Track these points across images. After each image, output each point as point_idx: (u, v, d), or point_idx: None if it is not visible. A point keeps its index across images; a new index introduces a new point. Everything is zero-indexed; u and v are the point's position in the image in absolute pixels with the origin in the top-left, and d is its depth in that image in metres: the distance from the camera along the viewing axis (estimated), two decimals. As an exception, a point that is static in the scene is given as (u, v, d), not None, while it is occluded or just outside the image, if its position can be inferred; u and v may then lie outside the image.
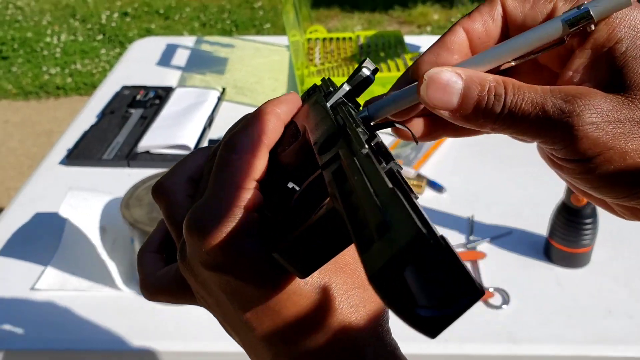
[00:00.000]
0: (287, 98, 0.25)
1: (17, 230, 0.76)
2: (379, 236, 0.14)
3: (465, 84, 0.20)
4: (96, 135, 0.95)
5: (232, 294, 0.21)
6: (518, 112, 0.20)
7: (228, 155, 0.22)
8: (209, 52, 1.28)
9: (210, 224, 0.20)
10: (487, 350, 0.59)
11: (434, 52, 0.22)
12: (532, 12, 0.21)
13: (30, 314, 0.63)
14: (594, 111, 0.19)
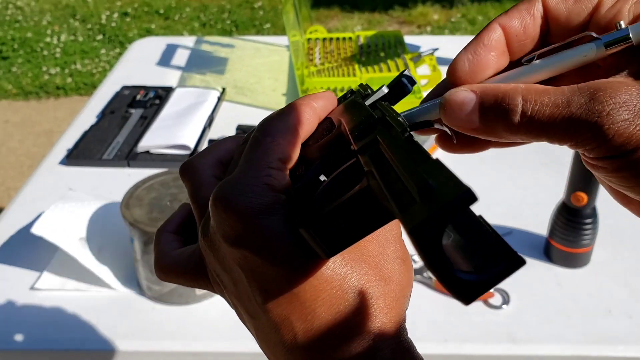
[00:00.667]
0: (325, 95, 0.24)
1: (17, 230, 0.76)
2: (421, 198, 0.14)
3: (480, 100, 0.20)
4: (96, 135, 0.95)
5: (250, 271, 0.21)
6: (541, 117, 0.19)
7: (262, 137, 0.22)
8: (209, 52, 1.28)
9: (236, 198, 0.20)
10: (487, 350, 0.59)
11: (470, 50, 0.22)
12: (576, 8, 0.21)
13: (30, 314, 0.63)
14: (625, 107, 0.18)
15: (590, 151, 0.19)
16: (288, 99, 1.08)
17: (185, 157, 0.89)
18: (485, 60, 0.21)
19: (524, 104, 0.19)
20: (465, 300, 0.14)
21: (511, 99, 0.20)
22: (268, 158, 0.21)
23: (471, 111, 0.20)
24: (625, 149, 0.18)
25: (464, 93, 0.20)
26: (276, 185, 0.21)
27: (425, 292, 0.66)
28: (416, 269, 0.68)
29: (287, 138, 0.22)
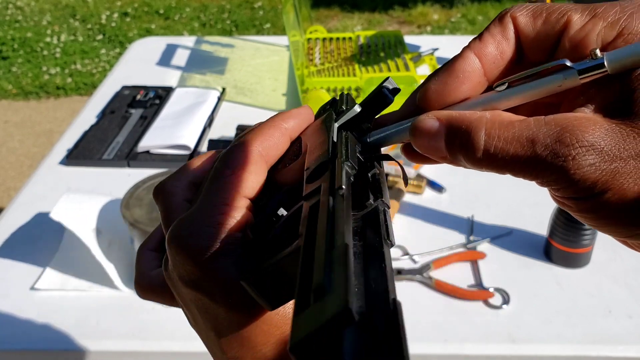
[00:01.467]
0: (298, 112, 0.24)
1: (17, 230, 0.76)
2: (314, 299, 0.14)
3: (445, 130, 0.20)
4: (96, 135, 0.95)
5: (205, 312, 0.21)
6: (504, 155, 0.18)
7: (222, 169, 0.22)
8: (209, 52, 1.28)
9: (190, 239, 0.20)
10: (487, 350, 0.59)
11: (441, 80, 0.21)
12: (544, 28, 0.20)
13: (30, 314, 0.63)
14: (592, 150, 0.17)
15: (556, 191, 0.19)
16: (288, 99, 1.08)
17: (186, 157, 0.89)
18: (455, 91, 0.21)
19: (487, 140, 0.19)
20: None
21: (474, 133, 0.19)
22: (225, 194, 0.21)
23: (438, 140, 0.20)
24: (591, 192, 0.18)
25: (431, 121, 0.20)
26: (231, 225, 0.20)
27: (426, 292, 0.66)
28: (415, 268, 0.68)
29: (248, 169, 0.21)
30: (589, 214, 0.19)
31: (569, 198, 0.19)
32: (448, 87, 0.21)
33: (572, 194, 0.18)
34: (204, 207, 0.21)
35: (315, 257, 0.15)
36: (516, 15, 0.20)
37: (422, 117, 0.20)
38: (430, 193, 0.82)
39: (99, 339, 0.61)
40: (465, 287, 0.66)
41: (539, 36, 0.20)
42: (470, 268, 0.69)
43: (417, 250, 0.71)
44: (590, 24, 0.19)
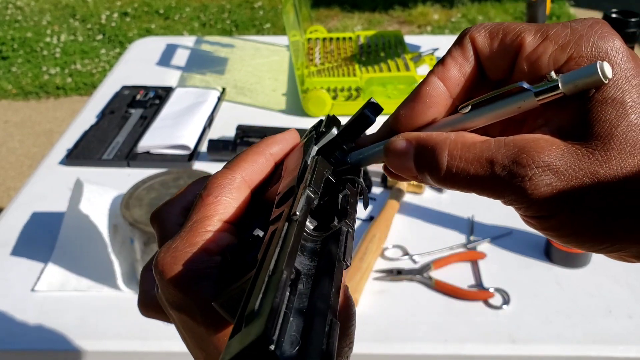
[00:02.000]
0: (283, 137, 0.25)
1: (17, 230, 0.76)
2: (245, 324, 0.14)
3: (414, 151, 0.21)
4: (96, 135, 0.95)
5: (190, 332, 0.22)
6: (465, 175, 0.19)
7: (204, 196, 0.23)
8: (209, 52, 1.27)
9: (171, 266, 0.21)
10: (488, 350, 0.59)
11: (409, 105, 0.22)
12: (500, 49, 0.21)
13: (30, 314, 0.63)
14: (548, 172, 0.18)
15: (519, 210, 0.19)
16: (288, 99, 1.08)
17: (185, 157, 0.89)
18: (422, 116, 0.22)
19: (449, 160, 0.19)
20: None
21: (437, 153, 0.20)
22: (207, 220, 0.22)
23: (408, 160, 0.21)
24: (550, 211, 0.18)
25: (401, 142, 0.21)
26: (212, 249, 0.21)
27: (425, 292, 0.66)
28: (415, 268, 0.68)
29: (230, 195, 0.22)
30: (553, 232, 0.19)
31: (531, 217, 0.19)
32: (415, 112, 0.22)
33: (533, 213, 0.19)
34: (185, 233, 0.22)
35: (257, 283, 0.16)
36: (474, 36, 0.21)
37: (393, 138, 0.22)
38: (430, 193, 0.82)
39: (99, 339, 0.61)
40: (466, 288, 0.66)
41: (495, 56, 0.21)
42: (471, 268, 0.69)
43: (417, 251, 0.71)
44: (542, 47, 0.20)
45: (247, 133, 0.89)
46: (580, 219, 0.18)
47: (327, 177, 0.22)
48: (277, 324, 0.14)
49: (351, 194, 0.22)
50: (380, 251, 0.70)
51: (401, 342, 0.60)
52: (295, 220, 0.17)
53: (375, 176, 0.83)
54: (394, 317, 0.62)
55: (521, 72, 0.20)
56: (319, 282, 0.17)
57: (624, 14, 0.76)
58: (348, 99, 1.00)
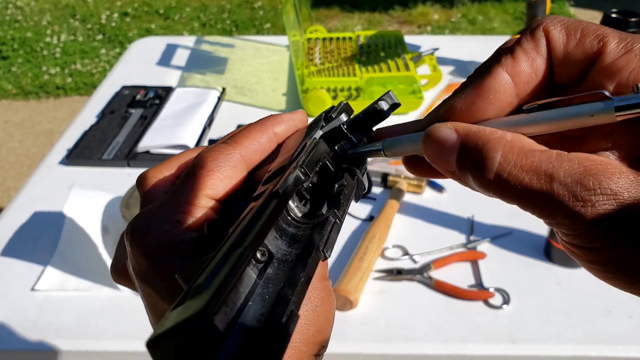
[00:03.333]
0: (290, 117, 0.23)
1: (17, 230, 0.76)
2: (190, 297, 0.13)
3: (460, 143, 0.18)
4: (96, 135, 0.95)
5: (153, 308, 0.21)
6: (517, 184, 0.17)
7: (196, 168, 0.21)
8: (209, 52, 1.27)
9: (144, 233, 0.20)
10: (488, 350, 0.59)
11: (469, 98, 0.19)
12: (577, 51, 0.18)
13: (30, 314, 0.63)
14: (613, 200, 0.16)
15: (566, 235, 0.17)
16: (288, 99, 1.08)
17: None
18: (483, 112, 0.19)
19: (501, 162, 0.17)
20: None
21: (489, 152, 0.17)
22: (191, 194, 0.21)
23: (450, 153, 0.18)
24: (602, 244, 0.17)
25: (447, 131, 0.19)
26: (190, 224, 0.20)
27: (425, 292, 0.66)
28: (415, 268, 0.68)
29: (224, 172, 0.21)
30: (598, 265, 0.17)
31: (578, 246, 0.17)
32: (475, 107, 0.19)
33: (583, 242, 0.17)
34: (167, 203, 0.21)
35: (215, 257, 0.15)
36: (549, 29, 0.19)
37: (439, 124, 0.19)
38: (430, 193, 0.82)
39: (99, 339, 0.61)
40: (466, 287, 0.66)
41: (570, 57, 0.19)
42: (471, 268, 0.69)
43: (417, 250, 0.71)
44: (624, 59, 0.18)
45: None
46: (634, 258, 0.16)
47: (325, 163, 0.21)
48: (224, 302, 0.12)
49: (347, 186, 0.20)
50: (380, 251, 0.70)
51: (401, 342, 0.60)
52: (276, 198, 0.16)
53: (375, 176, 0.83)
54: (394, 317, 0.62)
55: (594, 82, 0.18)
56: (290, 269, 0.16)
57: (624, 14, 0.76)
58: (348, 99, 1.00)
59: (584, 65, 0.19)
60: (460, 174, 0.19)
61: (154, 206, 0.21)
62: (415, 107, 1.01)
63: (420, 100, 1.00)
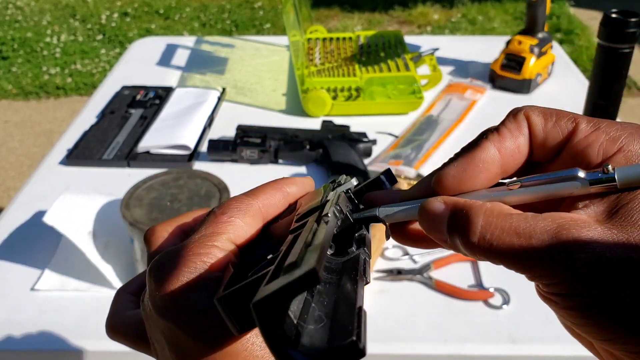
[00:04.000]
0: (301, 181, 0.26)
1: (17, 230, 0.76)
2: (285, 272, 0.14)
3: (449, 214, 0.20)
4: (96, 135, 0.95)
5: (173, 344, 0.21)
6: (499, 244, 0.19)
7: (219, 214, 0.23)
8: (209, 52, 1.27)
9: (169, 269, 0.21)
10: (487, 350, 0.59)
11: (460, 167, 0.21)
12: (554, 131, 0.21)
13: (30, 314, 0.63)
14: (588, 250, 0.18)
15: (546, 286, 0.19)
16: (288, 99, 1.08)
17: (186, 157, 0.89)
18: (474, 179, 0.21)
19: (483, 225, 0.19)
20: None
21: (472, 217, 0.19)
22: (216, 236, 0.22)
23: (441, 223, 0.20)
24: (577, 290, 0.18)
25: (438, 204, 0.21)
26: (214, 264, 0.21)
27: (425, 292, 0.66)
28: (415, 268, 0.68)
29: (244, 219, 0.23)
30: (574, 311, 0.19)
31: (557, 294, 0.19)
32: (466, 175, 0.21)
33: (560, 290, 0.19)
34: (191, 243, 0.22)
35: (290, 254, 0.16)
36: (529, 114, 0.21)
37: (431, 199, 0.21)
38: (430, 193, 0.82)
39: (99, 339, 0.61)
40: (466, 287, 0.66)
41: (547, 137, 0.21)
42: (471, 268, 0.69)
43: (417, 250, 0.71)
44: (594, 135, 0.20)
45: (247, 133, 0.89)
46: (608, 303, 0.18)
47: (346, 214, 0.23)
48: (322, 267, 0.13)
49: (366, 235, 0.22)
50: (380, 251, 0.70)
51: (401, 342, 0.60)
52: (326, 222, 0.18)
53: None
54: (394, 317, 0.62)
55: (569, 157, 0.21)
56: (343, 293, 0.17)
57: (624, 14, 0.76)
58: (348, 99, 1.00)
59: (559, 144, 0.21)
60: (450, 240, 0.20)
61: (176, 247, 0.22)
62: (415, 107, 1.01)
63: (420, 101, 1.00)
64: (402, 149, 0.90)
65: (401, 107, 1.00)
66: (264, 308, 0.14)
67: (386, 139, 0.94)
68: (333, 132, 0.89)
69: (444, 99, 1.04)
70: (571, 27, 3.06)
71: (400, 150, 0.89)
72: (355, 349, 0.13)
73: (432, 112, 1.00)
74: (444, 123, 0.96)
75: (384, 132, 0.95)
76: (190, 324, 0.20)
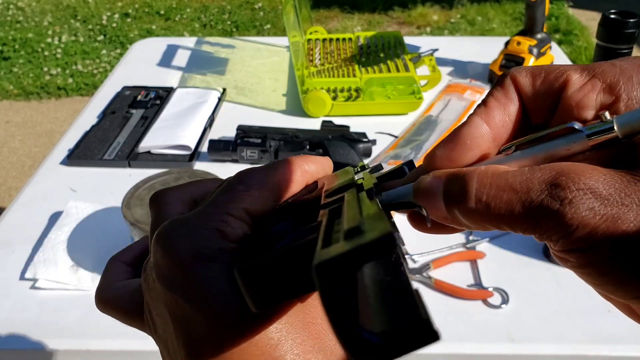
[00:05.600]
0: (321, 160, 0.24)
1: (19, 229, 0.76)
2: (346, 237, 0.13)
3: (444, 185, 0.19)
4: (97, 135, 0.95)
5: (178, 319, 0.19)
6: (497, 203, 0.17)
7: (236, 184, 0.21)
8: (209, 53, 1.28)
9: (179, 237, 0.19)
10: (486, 349, 0.59)
11: (447, 146, 0.20)
12: (543, 88, 0.20)
13: (30, 313, 0.64)
14: (590, 195, 0.16)
15: (555, 243, 0.17)
16: (288, 100, 1.08)
17: (186, 157, 0.89)
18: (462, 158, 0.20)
19: (478, 188, 0.18)
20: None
21: (466, 181, 0.18)
22: (231, 204, 0.20)
23: (437, 198, 0.19)
24: (590, 242, 0.16)
25: (430, 179, 0.19)
26: (229, 233, 0.19)
27: (425, 291, 0.66)
28: (415, 268, 0.68)
29: (262, 192, 0.21)
30: (589, 268, 0.17)
31: (568, 251, 0.17)
32: (454, 153, 0.20)
33: (570, 246, 0.17)
34: (204, 211, 0.20)
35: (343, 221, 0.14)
36: (516, 76, 0.20)
37: (423, 177, 0.20)
38: (430, 193, 0.82)
39: (100, 338, 0.61)
40: (465, 287, 0.66)
41: (538, 96, 0.20)
42: (470, 267, 0.69)
43: (416, 250, 0.71)
44: (589, 85, 0.19)
45: (248, 133, 0.89)
46: (624, 253, 0.16)
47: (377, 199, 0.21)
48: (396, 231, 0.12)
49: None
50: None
51: (401, 341, 0.60)
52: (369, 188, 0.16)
53: (375, 176, 0.84)
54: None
55: (565, 113, 0.19)
56: None
57: (623, 15, 0.76)
58: (348, 100, 1.00)
59: (552, 101, 0.20)
60: (449, 214, 0.19)
61: (186, 215, 0.20)
62: (415, 107, 1.01)
63: (419, 101, 1.00)
64: (401, 149, 0.90)
65: (401, 108, 1.00)
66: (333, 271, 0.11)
67: (386, 139, 0.94)
68: (333, 133, 0.89)
69: (444, 99, 1.04)
70: (570, 28, 3.06)
71: (400, 151, 0.90)
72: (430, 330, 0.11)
73: (432, 112, 1.00)
74: (443, 123, 0.97)
75: (384, 133, 0.95)
76: (202, 299, 0.18)
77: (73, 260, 0.69)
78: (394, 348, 0.11)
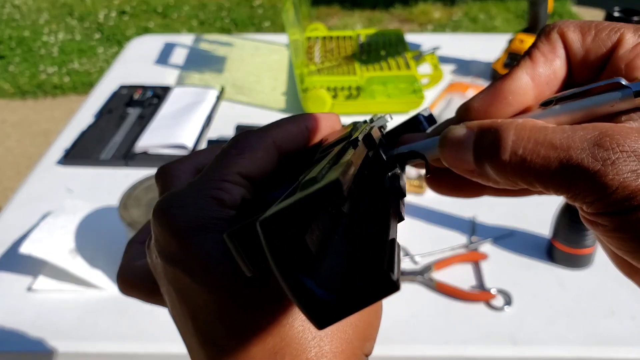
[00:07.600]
0: (325, 116, 0.23)
1: (15, 230, 0.75)
2: (301, 189, 0.12)
3: (475, 137, 0.18)
4: (94, 135, 0.94)
5: (181, 293, 0.19)
6: (534, 158, 0.17)
7: (229, 149, 0.20)
8: (207, 51, 1.27)
9: (175, 210, 0.18)
10: (489, 352, 0.59)
11: (486, 99, 0.19)
12: (594, 45, 0.19)
13: (28, 315, 0.63)
14: (634, 157, 0.16)
15: (589, 205, 0.17)
16: (288, 98, 1.07)
17: (184, 157, 0.88)
18: (500, 114, 0.19)
19: (515, 140, 0.17)
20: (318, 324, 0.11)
21: (502, 133, 0.17)
22: (226, 170, 0.19)
23: (466, 150, 0.18)
24: (628, 205, 0.16)
25: (462, 130, 0.19)
26: (226, 200, 0.19)
27: (426, 294, 0.65)
28: (416, 270, 0.68)
29: (257, 153, 0.20)
30: (622, 233, 0.16)
31: (602, 214, 0.16)
32: (493, 108, 0.19)
33: (605, 208, 0.16)
34: (198, 181, 0.19)
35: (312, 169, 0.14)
36: (564, 31, 0.19)
37: (453, 126, 0.19)
38: (431, 193, 0.81)
39: (97, 340, 0.60)
40: (467, 289, 0.65)
41: (588, 54, 0.19)
42: (472, 269, 0.69)
43: (418, 251, 0.70)
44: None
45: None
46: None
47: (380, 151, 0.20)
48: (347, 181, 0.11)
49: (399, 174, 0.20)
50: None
51: (402, 344, 0.59)
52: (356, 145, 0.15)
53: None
54: (394, 318, 0.62)
55: (614, 74, 0.19)
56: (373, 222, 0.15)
57: (627, 13, 0.76)
58: (348, 98, 0.99)
59: (601, 60, 0.19)
60: (478, 167, 0.18)
61: (183, 187, 0.20)
62: (416, 106, 1.00)
63: (421, 100, 0.99)
64: (402, 149, 0.89)
65: (402, 106, 0.99)
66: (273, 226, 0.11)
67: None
68: (333, 132, 0.89)
69: (445, 98, 1.03)
70: (571, 26, 3.06)
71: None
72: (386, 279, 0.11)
73: (433, 111, 0.99)
74: (444, 122, 0.96)
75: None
76: (202, 270, 0.18)
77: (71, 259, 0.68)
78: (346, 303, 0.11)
